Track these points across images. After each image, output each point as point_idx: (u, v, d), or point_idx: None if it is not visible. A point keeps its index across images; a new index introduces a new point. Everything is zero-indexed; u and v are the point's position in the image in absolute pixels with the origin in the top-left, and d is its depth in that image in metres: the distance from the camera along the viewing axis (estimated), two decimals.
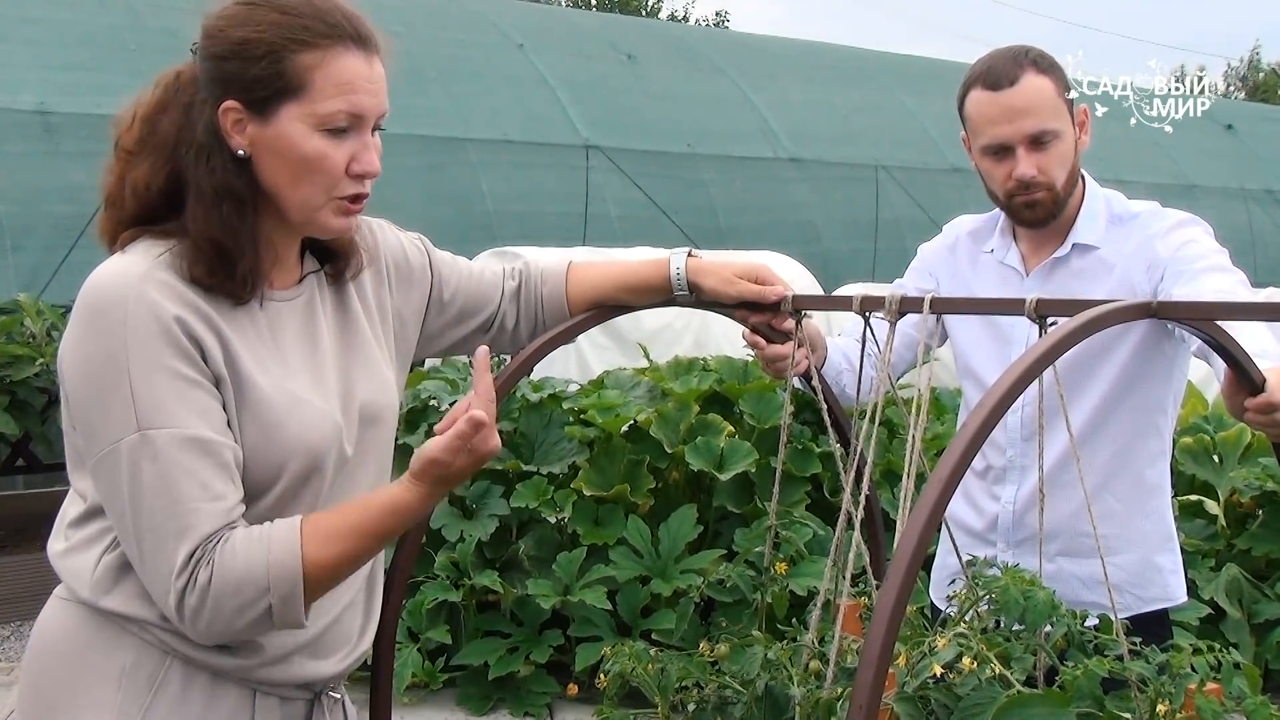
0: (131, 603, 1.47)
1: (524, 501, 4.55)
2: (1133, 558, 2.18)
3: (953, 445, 1.16)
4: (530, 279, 1.88)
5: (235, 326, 1.47)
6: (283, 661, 1.53)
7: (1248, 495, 4.81)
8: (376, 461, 1.63)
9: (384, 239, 1.73)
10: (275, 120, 1.46)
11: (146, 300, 1.41)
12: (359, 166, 1.50)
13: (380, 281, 1.69)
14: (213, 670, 1.49)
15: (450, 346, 1.84)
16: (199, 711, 1.49)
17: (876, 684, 1.07)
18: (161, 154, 1.48)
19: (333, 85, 1.46)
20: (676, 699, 1.66)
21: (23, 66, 9.00)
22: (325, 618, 1.56)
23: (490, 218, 10.71)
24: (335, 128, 1.47)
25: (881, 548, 2.00)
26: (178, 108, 1.49)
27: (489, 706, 4.49)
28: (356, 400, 1.57)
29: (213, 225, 1.46)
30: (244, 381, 1.45)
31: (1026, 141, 2.10)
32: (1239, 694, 1.44)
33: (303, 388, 1.51)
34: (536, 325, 1.87)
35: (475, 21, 12.69)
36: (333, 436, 1.51)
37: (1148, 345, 2.13)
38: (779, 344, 1.96)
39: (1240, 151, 17.39)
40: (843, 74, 15.11)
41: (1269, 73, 40.04)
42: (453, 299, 1.79)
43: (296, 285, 1.58)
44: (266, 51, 1.45)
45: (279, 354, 1.51)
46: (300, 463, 1.48)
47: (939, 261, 2.38)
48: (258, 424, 1.46)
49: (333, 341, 1.59)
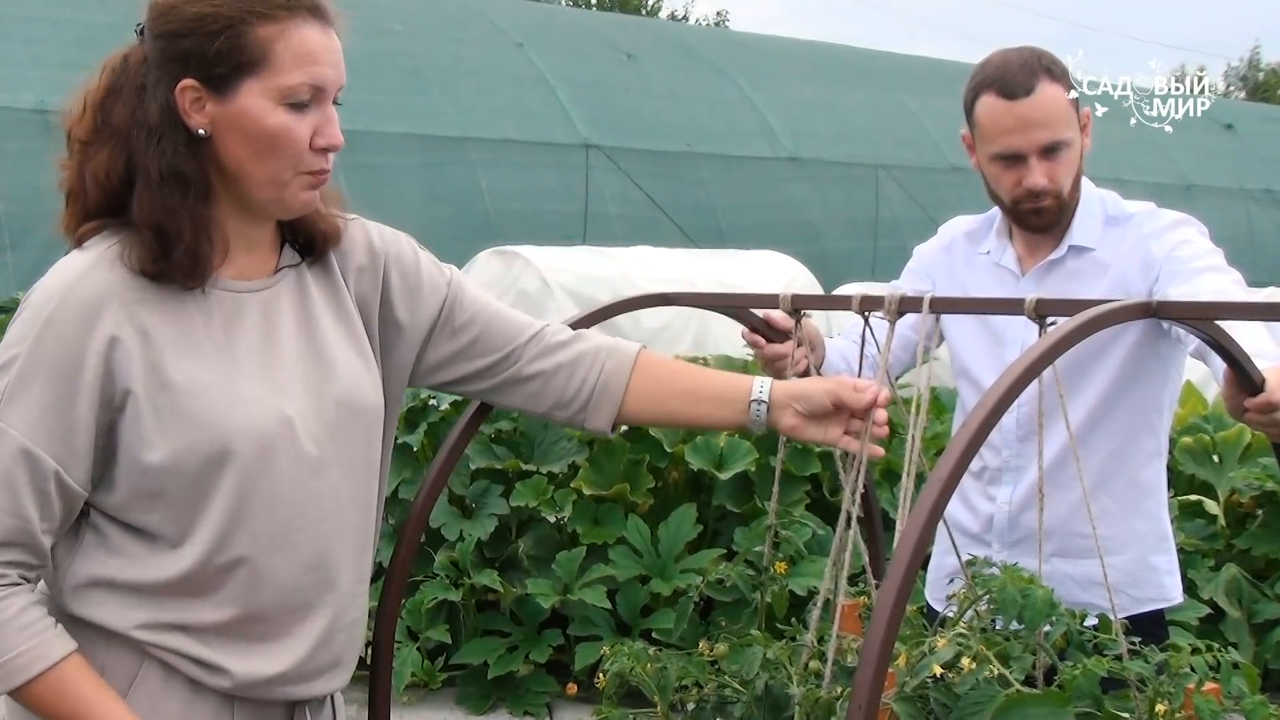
0: (102, 613, 1.45)
1: (523, 501, 4.55)
2: (1128, 558, 2.18)
3: (952, 445, 1.16)
4: (591, 348, 1.69)
5: (177, 323, 1.44)
6: (258, 687, 1.49)
7: (1247, 495, 4.81)
8: (362, 462, 1.55)
9: (396, 246, 1.65)
10: (236, 96, 1.42)
11: (73, 307, 1.39)
12: (323, 140, 1.46)
13: (375, 286, 1.61)
14: (189, 678, 1.47)
15: (454, 381, 1.68)
16: (179, 712, 1.46)
17: (876, 683, 1.07)
18: (117, 140, 1.43)
19: (293, 57, 1.42)
20: (676, 698, 1.67)
21: (22, 65, 9.01)
22: (298, 652, 1.50)
23: (489, 216, 10.72)
24: (297, 101, 1.43)
25: (881, 547, 2.00)
26: (129, 91, 1.44)
27: (488, 706, 4.49)
28: (332, 395, 1.51)
29: (155, 209, 1.42)
30: (167, 382, 1.41)
31: (1039, 152, 2.09)
32: (1238, 693, 1.44)
33: (247, 381, 1.45)
34: (577, 393, 1.67)
35: (475, 20, 12.70)
36: (275, 428, 1.44)
37: (1144, 346, 2.13)
38: (778, 343, 1.96)
39: (1240, 151, 17.41)
40: (842, 73, 15.12)
41: (1269, 72, 40.06)
42: (467, 326, 1.65)
43: (269, 277, 1.53)
44: (225, 25, 1.40)
45: (228, 347, 1.46)
46: (241, 454, 1.42)
47: (935, 263, 2.38)
48: (184, 418, 1.41)
49: (314, 335, 1.53)
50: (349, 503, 1.53)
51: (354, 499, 1.54)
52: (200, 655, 1.46)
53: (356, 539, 1.55)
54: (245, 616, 1.46)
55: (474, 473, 4.71)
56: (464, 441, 1.80)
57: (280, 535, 1.46)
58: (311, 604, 1.50)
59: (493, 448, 4.77)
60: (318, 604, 1.50)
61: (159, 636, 1.45)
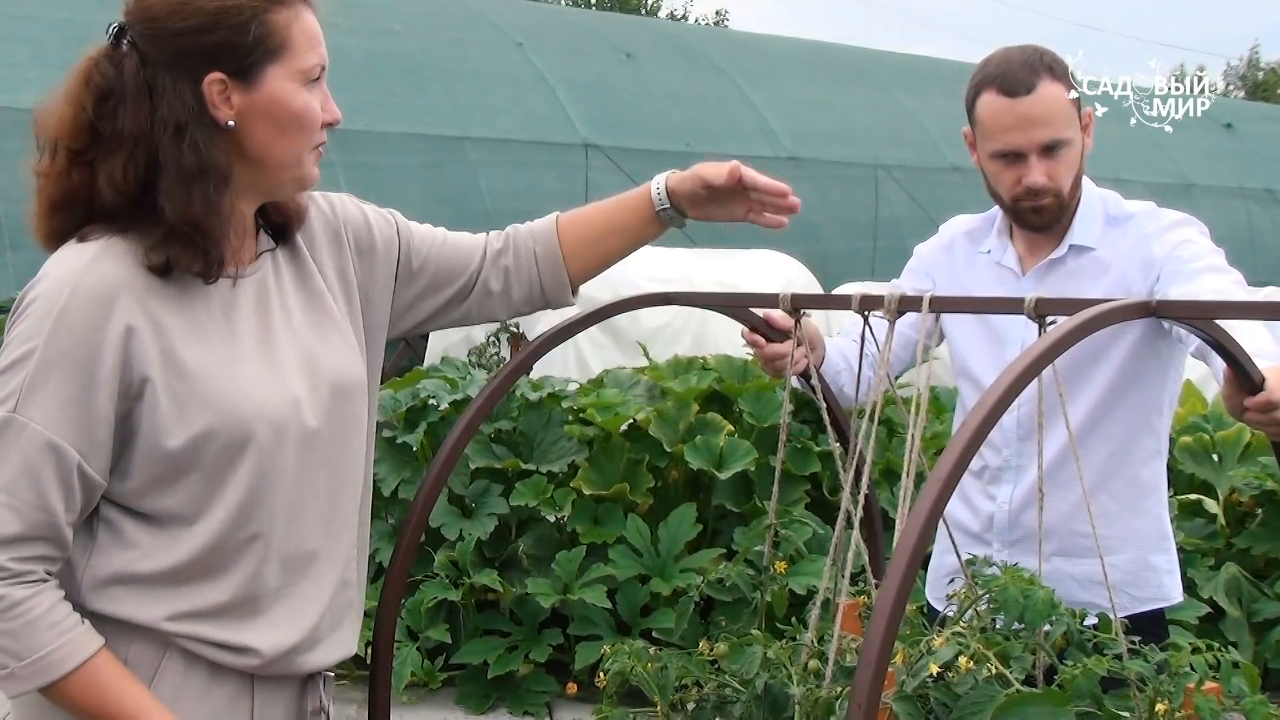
0: (125, 609, 1.48)
1: (523, 500, 4.55)
2: (1127, 557, 2.18)
3: (952, 444, 1.16)
4: (519, 239, 1.82)
5: (183, 311, 1.47)
6: (280, 661, 1.54)
7: (1247, 494, 4.81)
8: (354, 437, 1.62)
9: (344, 211, 1.71)
10: (262, 83, 1.48)
11: (86, 298, 1.41)
12: (328, 115, 1.55)
13: (342, 255, 1.67)
14: (210, 662, 1.51)
15: (428, 318, 1.79)
16: (199, 697, 1.51)
17: (875, 683, 1.07)
18: (133, 143, 1.44)
19: (306, 40, 1.51)
20: (676, 698, 1.67)
21: (22, 65, 9.01)
22: (310, 618, 1.56)
23: (489, 216, 10.72)
24: (313, 80, 1.52)
25: (880, 547, 2.00)
26: (133, 94, 1.46)
27: (488, 705, 4.49)
28: (325, 374, 1.56)
29: (194, 205, 1.44)
30: (182, 369, 1.45)
31: (1039, 150, 2.10)
32: (1238, 693, 1.44)
33: (253, 364, 1.50)
34: (532, 286, 1.81)
35: (474, 20, 12.70)
36: (287, 409, 1.50)
37: (1144, 346, 2.13)
38: (778, 343, 1.96)
39: (1239, 151, 17.41)
40: (842, 73, 15.12)
41: (1268, 72, 40.05)
42: (423, 267, 1.75)
43: (254, 262, 1.57)
44: (250, 16, 1.46)
45: (230, 333, 1.50)
46: (259, 436, 1.47)
47: (935, 262, 2.38)
48: (202, 403, 1.45)
49: (296, 317, 1.58)
50: (346, 474, 1.61)
51: (350, 470, 1.62)
52: (225, 639, 1.50)
53: (353, 506, 1.64)
54: (260, 591, 1.52)
55: (474, 472, 4.72)
56: (464, 441, 1.80)
57: (290, 509, 1.52)
58: (316, 573, 1.57)
59: (492, 447, 4.77)
60: (321, 572, 1.58)
61: (184, 626, 1.48)
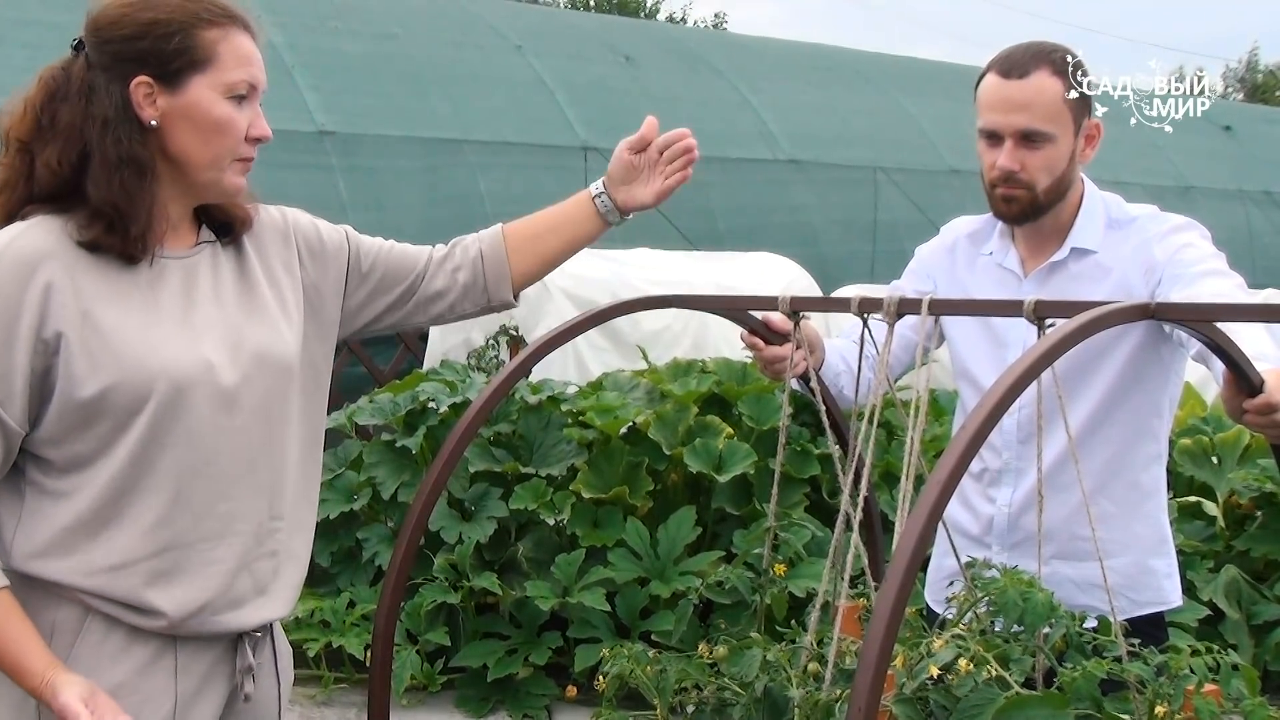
0: (50, 566, 1.62)
1: (522, 503, 4.55)
2: (1127, 561, 2.18)
3: (951, 447, 1.16)
4: (465, 243, 2.01)
5: (107, 281, 1.63)
6: (193, 619, 1.67)
7: (1246, 497, 4.80)
8: (276, 407, 1.74)
9: (294, 219, 1.90)
10: (186, 90, 1.66)
11: (11, 260, 1.58)
12: (256, 131, 1.71)
13: (290, 255, 1.84)
14: (129, 625, 1.64)
15: (379, 316, 1.95)
16: (120, 656, 1.65)
17: (875, 686, 1.07)
18: (68, 135, 1.63)
19: (234, 58, 1.68)
20: (675, 701, 1.67)
21: (20, 70, 8.98)
22: (216, 578, 1.68)
23: (489, 219, 10.67)
24: (237, 95, 1.68)
25: (880, 549, 2.00)
26: (75, 95, 1.65)
27: (488, 709, 4.49)
28: (247, 347, 1.71)
29: (114, 190, 1.62)
30: (99, 327, 1.60)
31: (1015, 135, 2.11)
32: (1237, 695, 1.44)
33: (169, 328, 1.66)
34: (476, 281, 1.98)
35: (473, 24, 12.70)
36: (195, 368, 1.65)
37: (1144, 349, 2.13)
38: (777, 345, 1.96)
39: (1238, 153, 17.40)
40: (841, 76, 15.12)
41: (1267, 74, 40.08)
42: (373, 268, 1.93)
43: (189, 249, 1.74)
44: (178, 29, 1.64)
45: (153, 302, 1.66)
46: (163, 392, 1.62)
47: (936, 263, 2.38)
48: (113, 357, 1.60)
49: (229, 301, 1.74)
50: (261, 443, 1.72)
51: (267, 440, 1.73)
52: (135, 600, 1.64)
53: (278, 478, 1.75)
54: (169, 544, 1.65)
55: (473, 475, 4.71)
56: (463, 444, 1.80)
57: (200, 464, 1.66)
58: (223, 533, 1.69)
59: (491, 450, 4.77)
60: (229, 533, 1.69)
61: (98, 581, 1.62)
